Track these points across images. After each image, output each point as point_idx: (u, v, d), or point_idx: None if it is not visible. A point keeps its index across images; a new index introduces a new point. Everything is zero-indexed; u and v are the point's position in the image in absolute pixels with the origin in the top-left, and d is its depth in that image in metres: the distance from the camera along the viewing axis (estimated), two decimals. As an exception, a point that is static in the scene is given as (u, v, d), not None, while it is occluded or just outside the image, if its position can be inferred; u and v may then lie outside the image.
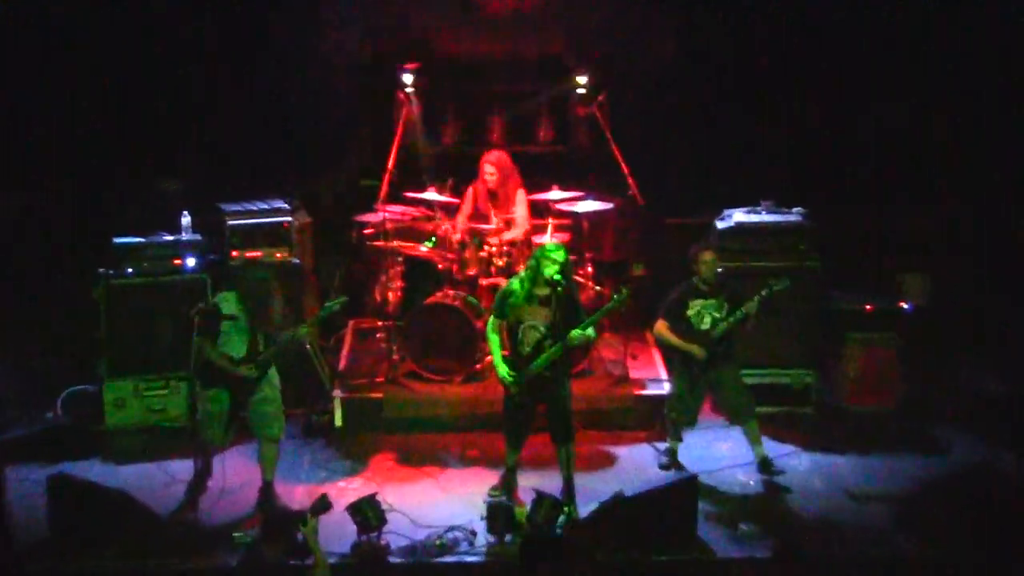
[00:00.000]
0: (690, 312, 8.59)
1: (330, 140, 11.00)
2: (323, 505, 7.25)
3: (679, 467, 8.80)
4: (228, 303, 8.10)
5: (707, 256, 8.59)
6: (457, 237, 9.93)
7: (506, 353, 8.30)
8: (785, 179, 10.57)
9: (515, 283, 8.24)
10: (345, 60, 10.90)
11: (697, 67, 10.79)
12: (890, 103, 10.61)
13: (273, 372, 8.24)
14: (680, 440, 8.85)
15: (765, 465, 8.67)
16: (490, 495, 8.36)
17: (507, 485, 8.44)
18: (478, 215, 10.13)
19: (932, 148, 10.61)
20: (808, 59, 10.60)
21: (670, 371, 9.21)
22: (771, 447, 8.96)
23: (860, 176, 10.76)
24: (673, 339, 8.61)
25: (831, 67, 10.64)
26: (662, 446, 8.98)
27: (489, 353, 9.10)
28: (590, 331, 8.01)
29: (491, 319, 8.33)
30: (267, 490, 8.31)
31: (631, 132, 10.32)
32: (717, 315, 8.55)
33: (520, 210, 10.09)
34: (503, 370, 8.21)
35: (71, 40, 10.35)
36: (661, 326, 8.68)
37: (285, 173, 10.69)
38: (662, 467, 8.85)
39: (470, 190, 10.18)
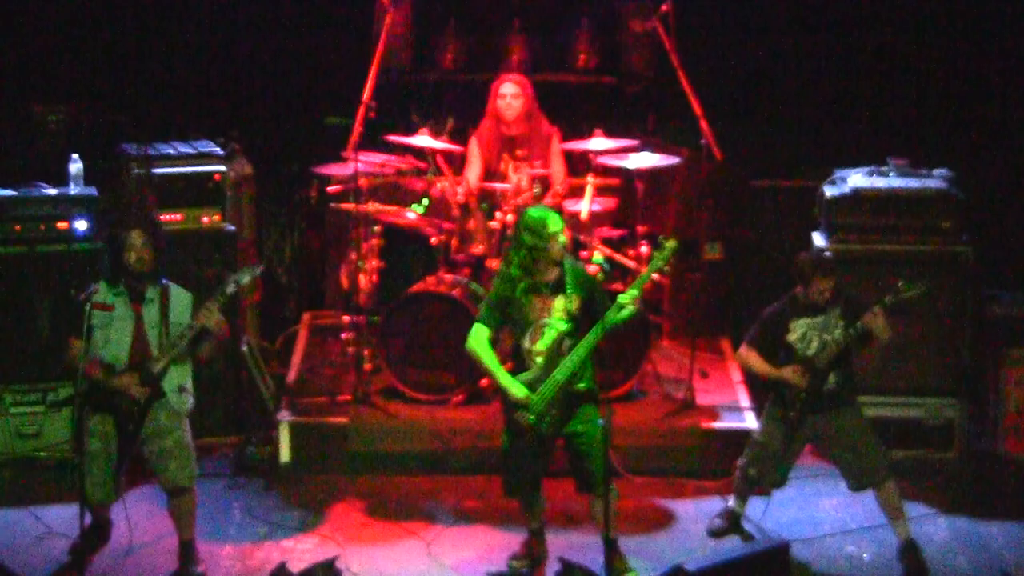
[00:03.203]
0: (792, 336, 8.54)
1: (283, 58, 10.98)
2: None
3: (743, 536, 8.77)
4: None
5: (823, 284, 8.47)
6: (459, 200, 9.94)
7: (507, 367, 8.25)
8: (924, 129, 10.51)
9: (503, 285, 8.17)
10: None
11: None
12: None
13: (171, 389, 8.13)
14: (745, 503, 8.85)
15: (909, 553, 8.47)
16: (510, 567, 8.33)
17: (533, 554, 8.40)
18: (489, 170, 10.10)
19: None
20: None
21: (760, 409, 9.17)
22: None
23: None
24: (762, 366, 8.63)
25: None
26: (731, 501, 8.95)
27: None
28: (634, 295, 8.02)
29: (476, 329, 8.24)
30: (187, 553, 8.27)
31: (707, 58, 10.29)
32: (829, 337, 8.47)
33: (556, 163, 10.09)
34: (519, 390, 8.07)
35: None
36: (749, 355, 8.66)
37: (219, 103, 10.69)
38: (713, 533, 8.83)
39: (476, 134, 10.24)
